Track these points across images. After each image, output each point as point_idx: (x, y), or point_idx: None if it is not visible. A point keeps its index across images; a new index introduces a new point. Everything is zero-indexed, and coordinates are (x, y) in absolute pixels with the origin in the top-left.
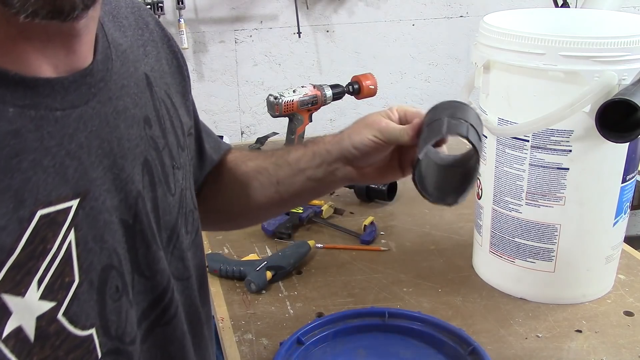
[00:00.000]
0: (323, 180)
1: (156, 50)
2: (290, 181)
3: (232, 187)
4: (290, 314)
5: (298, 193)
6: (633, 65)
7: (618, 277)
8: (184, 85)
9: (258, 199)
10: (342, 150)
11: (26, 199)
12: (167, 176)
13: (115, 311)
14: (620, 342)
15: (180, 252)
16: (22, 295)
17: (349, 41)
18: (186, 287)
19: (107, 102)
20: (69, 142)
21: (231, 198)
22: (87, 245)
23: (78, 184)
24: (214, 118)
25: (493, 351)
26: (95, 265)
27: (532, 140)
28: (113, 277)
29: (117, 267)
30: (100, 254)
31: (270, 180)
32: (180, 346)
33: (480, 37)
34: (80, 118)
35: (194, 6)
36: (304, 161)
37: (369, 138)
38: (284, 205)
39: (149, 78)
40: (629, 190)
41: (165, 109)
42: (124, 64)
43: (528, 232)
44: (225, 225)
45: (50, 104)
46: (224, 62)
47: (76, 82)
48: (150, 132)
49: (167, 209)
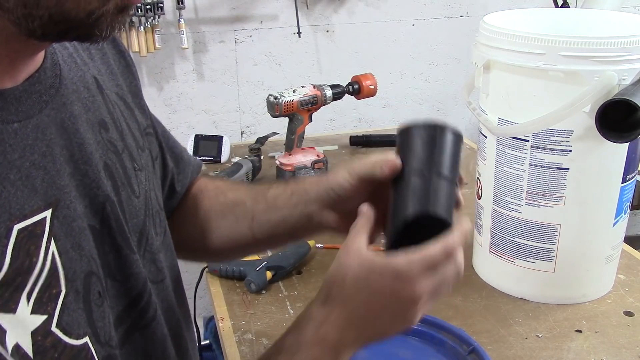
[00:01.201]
0: (298, 223)
1: (101, 53)
2: (265, 218)
3: (207, 216)
4: (290, 314)
5: (271, 234)
6: (633, 65)
7: (618, 277)
8: (135, 85)
9: (231, 234)
10: (319, 191)
11: (0, 215)
12: (129, 179)
13: (101, 317)
14: (620, 342)
15: (151, 255)
16: (14, 311)
17: (349, 41)
18: (162, 289)
19: (61, 108)
20: (30, 153)
21: (205, 229)
22: (69, 254)
23: (47, 194)
24: (214, 118)
25: (493, 351)
26: (79, 273)
27: (532, 140)
28: (94, 284)
29: (96, 273)
30: (80, 261)
31: (246, 215)
32: (161, 349)
33: (480, 37)
34: (38, 127)
35: (194, 6)
36: (282, 199)
37: (344, 178)
38: (255, 246)
39: (98, 81)
40: (629, 190)
41: (119, 111)
42: (71, 68)
43: (528, 232)
44: (201, 256)
45: (6, 116)
46: (224, 62)
47: (26, 92)
48: (107, 136)
49: (134, 211)
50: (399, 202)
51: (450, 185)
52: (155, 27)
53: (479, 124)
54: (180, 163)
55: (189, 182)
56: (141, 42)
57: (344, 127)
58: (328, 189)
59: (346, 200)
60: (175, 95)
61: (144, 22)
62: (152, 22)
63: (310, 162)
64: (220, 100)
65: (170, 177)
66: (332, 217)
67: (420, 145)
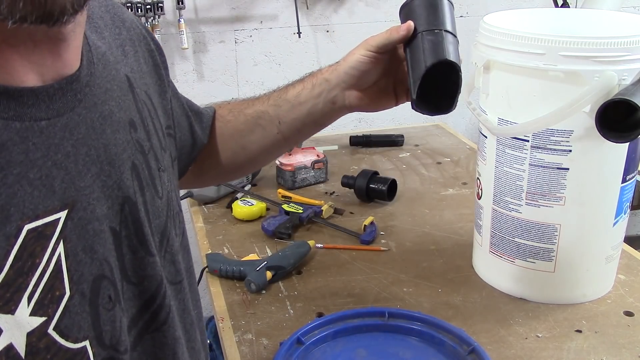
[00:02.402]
0: (324, 110)
1: (134, 50)
2: (291, 117)
3: (234, 139)
4: (290, 314)
5: (300, 129)
6: (633, 65)
7: (618, 277)
8: (160, 84)
9: (262, 143)
10: (339, 75)
11: (12, 214)
12: (154, 179)
13: (110, 321)
14: (620, 342)
15: (171, 256)
16: (12, 312)
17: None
18: (179, 290)
19: (92, 108)
20: (55, 153)
21: (234, 150)
22: (77, 257)
23: (65, 195)
24: None
25: (493, 351)
26: (87, 276)
27: (532, 140)
28: (105, 287)
29: (108, 277)
30: (91, 264)
31: (272, 122)
32: (171, 352)
33: (480, 37)
34: (66, 126)
35: (194, 6)
36: (304, 95)
37: (362, 54)
38: (286, 144)
39: (130, 79)
40: (629, 190)
41: (147, 110)
42: (105, 67)
43: (528, 232)
44: (228, 176)
45: (35, 113)
46: (224, 62)
47: (62, 90)
48: (135, 136)
49: (157, 212)
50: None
51: (455, 39)
52: (155, 27)
53: (479, 124)
54: (202, 119)
55: (209, 129)
56: None
57: (344, 127)
58: (348, 70)
59: (367, 75)
60: None
61: (144, 22)
62: (152, 22)
63: (310, 162)
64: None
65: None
66: (354, 95)
67: (425, 10)
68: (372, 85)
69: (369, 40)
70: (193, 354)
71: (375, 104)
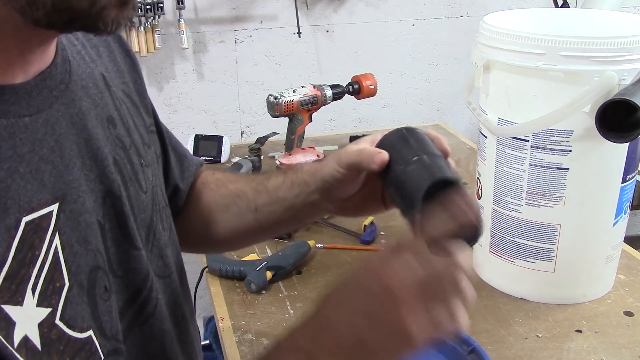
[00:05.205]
0: (303, 210)
1: (108, 50)
2: (268, 209)
3: (210, 209)
4: (290, 314)
5: (277, 222)
6: (633, 65)
7: (618, 277)
8: (140, 84)
9: (235, 224)
10: (316, 182)
11: (9, 207)
12: (137, 174)
13: (107, 311)
14: (620, 342)
15: (159, 250)
16: (21, 304)
17: (349, 41)
18: (168, 284)
19: (70, 104)
20: (40, 147)
21: (209, 221)
22: (73, 249)
23: (55, 188)
24: (214, 118)
25: (493, 351)
26: (83, 267)
27: (532, 140)
28: (101, 278)
29: (102, 268)
30: (86, 255)
31: (249, 206)
32: (160, 345)
33: (480, 37)
34: (47, 122)
35: (194, 6)
36: (283, 190)
37: (334, 169)
38: (263, 233)
39: (106, 78)
40: (629, 190)
41: (125, 108)
42: (80, 65)
43: (528, 232)
44: (206, 248)
45: (18, 110)
46: (224, 62)
47: (37, 87)
48: (115, 132)
49: (142, 207)
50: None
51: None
52: (155, 27)
53: (479, 124)
54: (184, 162)
55: (192, 179)
56: (141, 42)
57: (344, 127)
58: (325, 178)
59: (344, 186)
60: (175, 95)
61: (144, 22)
62: (152, 22)
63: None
64: (220, 100)
65: (173, 175)
66: (336, 202)
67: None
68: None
69: (342, 155)
70: (185, 348)
71: (362, 210)
